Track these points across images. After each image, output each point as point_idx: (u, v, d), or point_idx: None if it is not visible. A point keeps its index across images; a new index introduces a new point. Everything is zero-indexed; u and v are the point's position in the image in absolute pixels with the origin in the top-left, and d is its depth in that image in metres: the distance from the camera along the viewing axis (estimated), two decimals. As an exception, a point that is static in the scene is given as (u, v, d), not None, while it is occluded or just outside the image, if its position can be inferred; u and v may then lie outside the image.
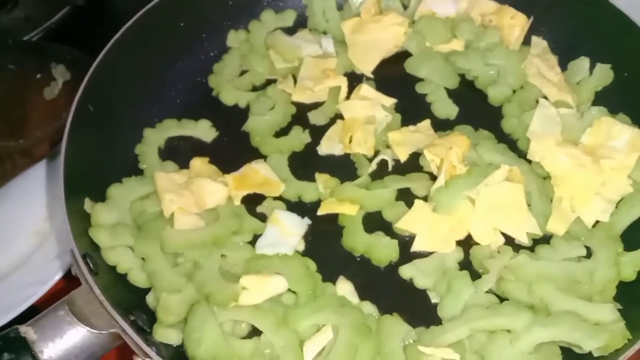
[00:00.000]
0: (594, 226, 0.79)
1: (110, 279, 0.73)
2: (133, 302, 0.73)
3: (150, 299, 0.75)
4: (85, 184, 0.79)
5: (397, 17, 0.96)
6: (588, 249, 0.77)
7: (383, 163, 0.87)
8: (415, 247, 0.79)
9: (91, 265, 0.69)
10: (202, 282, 0.73)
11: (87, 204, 0.78)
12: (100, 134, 0.84)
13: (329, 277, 0.78)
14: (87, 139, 0.81)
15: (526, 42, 0.95)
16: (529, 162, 0.84)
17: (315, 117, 0.93)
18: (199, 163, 0.87)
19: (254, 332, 0.73)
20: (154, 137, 0.90)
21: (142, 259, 0.75)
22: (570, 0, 0.92)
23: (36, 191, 1.00)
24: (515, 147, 0.87)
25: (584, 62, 0.91)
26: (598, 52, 0.90)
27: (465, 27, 0.94)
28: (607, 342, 0.67)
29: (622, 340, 0.67)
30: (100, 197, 0.80)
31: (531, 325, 0.69)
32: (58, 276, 0.89)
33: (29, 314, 0.76)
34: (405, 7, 1.00)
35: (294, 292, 0.75)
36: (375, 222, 0.82)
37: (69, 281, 0.85)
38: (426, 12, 0.97)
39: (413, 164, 0.87)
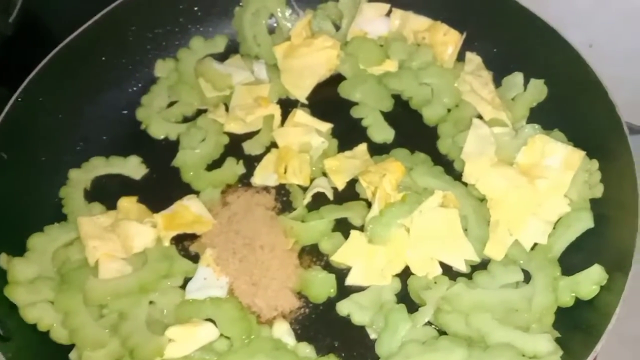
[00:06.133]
0: (532, 249, 0.77)
1: (29, 339, 0.69)
2: (55, 361, 0.70)
3: (73, 356, 0.71)
4: (1, 238, 0.74)
5: (328, 39, 0.93)
6: (526, 273, 0.75)
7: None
8: (350, 280, 0.77)
9: (1, 332, 0.64)
10: (127, 335, 0.70)
11: (3, 260, 0.74)
12: (18, 181, 0.81)
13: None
14: (1, 190, 0.77)
15: (461, 57, 0.93)
16: (465, 184, 0.82)
17: (251, 147, 0.90)
18: (126, 203, 0.83)
19: (186, 384, 0.70)
20: (80, 178, 0.86)
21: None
22: (503, 15, 0.90)
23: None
24: (452, 169, 0.85)
25: (517, 77, 0.89)
26: (532, 67, 0.88)
27: (398, 47, 0.92)
28: (544, 376, 0.66)
29: (558, 373, 0.66)
30: (20, 249, 0.76)
31: (468, 361, 0.67)
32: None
33: None
34: (337, 27, 0.98)
35: (227, 338, 0.72)
36: (312, 255, 0.80)
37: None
38: (358, 33, 0.95)
39: (351, 191, 0.84)
